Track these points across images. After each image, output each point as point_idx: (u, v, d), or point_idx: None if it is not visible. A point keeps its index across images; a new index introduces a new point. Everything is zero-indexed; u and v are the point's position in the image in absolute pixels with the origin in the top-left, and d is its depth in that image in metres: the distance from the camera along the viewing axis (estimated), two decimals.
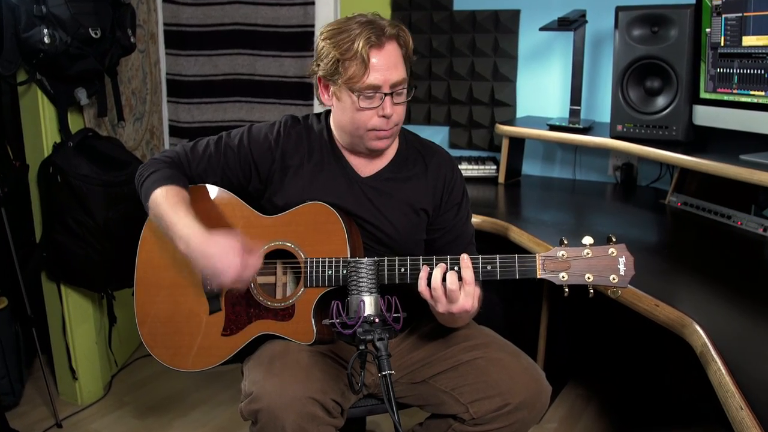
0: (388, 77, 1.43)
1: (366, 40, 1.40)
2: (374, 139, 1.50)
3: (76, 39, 2.04)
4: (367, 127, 1.48)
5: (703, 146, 2.14)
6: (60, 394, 2.53)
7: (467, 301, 1.36)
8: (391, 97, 1.45)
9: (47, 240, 2.26)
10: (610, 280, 1.35)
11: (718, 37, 1.98)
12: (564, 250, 1.37)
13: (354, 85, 1.43)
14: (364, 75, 1.42)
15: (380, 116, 1.46)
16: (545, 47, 2.71)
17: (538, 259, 1.38)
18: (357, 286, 1.35)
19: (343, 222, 1.49)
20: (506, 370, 1.49)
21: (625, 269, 1.35)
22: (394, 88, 1.45)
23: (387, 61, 1.43)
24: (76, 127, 2.29)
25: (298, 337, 1.50)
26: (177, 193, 1.50)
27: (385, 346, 1.25)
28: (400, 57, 1.46)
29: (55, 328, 2.44)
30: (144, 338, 1.59)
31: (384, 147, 1.54)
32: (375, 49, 1.42)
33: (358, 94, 1.44)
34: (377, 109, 1.45)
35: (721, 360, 1.23)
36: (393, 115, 1.47)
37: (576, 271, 1.36)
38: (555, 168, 2.80)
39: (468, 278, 1.36)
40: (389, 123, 1.47)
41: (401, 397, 1.58)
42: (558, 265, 1.37)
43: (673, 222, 2.18)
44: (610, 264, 1.35)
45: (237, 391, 2.06)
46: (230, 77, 3.06)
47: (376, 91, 1.44)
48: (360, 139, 1.51)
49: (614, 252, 1.35)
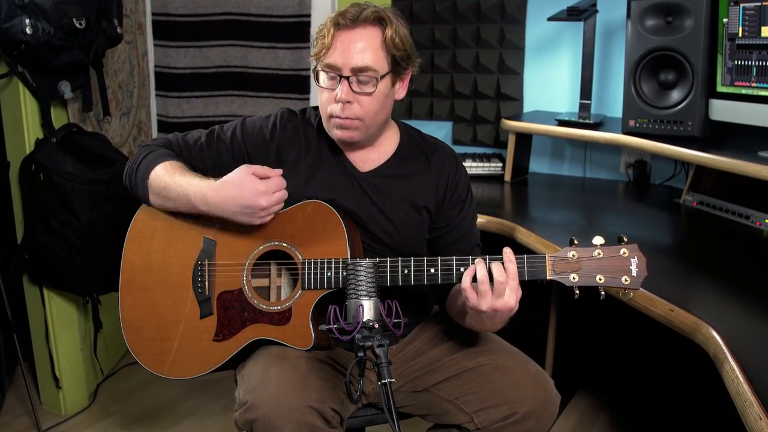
0: (349, 60, 1.45)
1: (335, 20, 1.45)
2: (335, 126, 1.51)
3: (59, 29, 2.04)
4: (326, 112, 1.50)
5: (720, 142, 2.14)
6: (43, 403, 2.53)
7: (512, 297, 1.35)
8: (349, 83, 1.46)
9: (29, 241, 2.26)
10: (622, 282, 1.36)
11: (735, 28, 1.98)
12: (574, 250, 1.38)
13: (319, 62, 1.48)
14: (326, 52, 1.46)
15: (337, 101, 1.47)
16: (554, 38, 2.71)
17: (548, 259, 1.38)
18: (356, 289, 1.35)
19: (343, 221, 1.49)
20: (513, 378, 1.49)
21: (638, 270, 1.35)
22: (356, 73, 1.46)
23: (352, 44, 1.45)
24: (59, 123, 2.29)
25: (295, 343, 1.50)
26: (180, 165, 1.54)
27: (385, 353, 1.25)
28: (375, 44, 1.46)
29: (38, 334, 2.44)
30: (130, 344, 1.59)
31: (347, 139, 1.53)
32: (342, 30, 1.46)
33: (323, 71, 1.48)
34: (334, 93, 1.47)
35: (739, 368, 1.23)
36: (354, 105, 1.47)
37: (587, 272, 1.37)
38: (564, 165, 2.80)
39: (512, 272, 1.35)
40: (345, 110, 1.48)
41: (402, 407, 1.59)
42: (568, 266, 1.37)
43: (688, 222, 2.19)
44: (622, 265, 1.36)
45: (230, 400, 2.06)
46: (222, 70, 3.06)
47: (334, 72, 1.46)
48: (327, 125, 1.54)
49: (626, 252, 1.36)
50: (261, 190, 1.42)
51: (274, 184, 1.44)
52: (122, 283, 1.61)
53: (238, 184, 1.43)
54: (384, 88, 1.49)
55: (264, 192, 1.42)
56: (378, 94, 1.48)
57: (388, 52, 1.48)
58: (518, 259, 1.38)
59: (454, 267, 1.42)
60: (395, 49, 1.47)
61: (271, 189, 1.43)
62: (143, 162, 1.56)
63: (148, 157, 1.56)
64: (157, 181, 1.52)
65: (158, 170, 1.53)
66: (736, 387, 1.21)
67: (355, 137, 1.52)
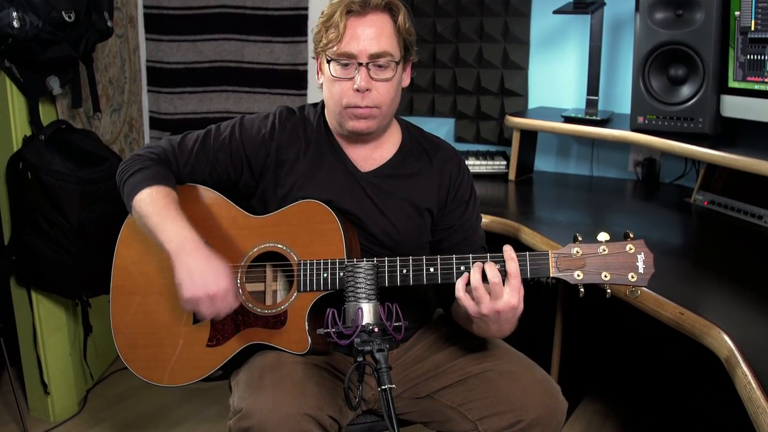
0: (366, 47, 1.45)
1: (346, 6, 1.45)
2: (351, 117, 1.50)
3: (48, 23, 2.04)
4: (342, 103, 1.49)
5: (732, 140, 2.14)
6: (30, 410, 2.53)
7: (513, 296, 1.34)
8: (368, 69, 1.46)
9: (16, 242, 2.26)
10: (628, 279, 1.35)
11: (748, 21, 1.98)
12: (578, 247, 1.38)
13: (331, 52, 1.47)
14: (339, 41, 1.46)
15: (355, 90, 1.47)
16: (560, 32, 2.71)
17: (551, 256, 1.38)
18: (354, 292, 1.35)
19: (339, 221, 1.49)
20: (518, 384, 1.49)
21: (645, 267, 1.35)
22: (373, 59, 1.46)
23: (367, 31, 1.46)
24: (48, 119, 2.29)
25: (291, 347, 1.50)
26: (166, 194, 1.50)
27: (385, 357, 1.25)
28: (388, 30, 1.48)
29: (25, 338, 2.43)
30: (120, 350, 1.59)
31: (364, 129, 1.52)
32: (354, 16, 1.46)
33: (335, 62, 1.47)
34: (352, 81, 1.47)
35: (752, 373, 1.23)
36: (372, 92, 1.47)
37: (592, 269, 1.36)
38: (570, 163, 2.80)
39: (513, 271, 1.35)
40: (365, 99, 1.48)
41: (403, 414, 1.59)
42: (572, 263, 1.37)
43: (699, 222, 2.19)
44: (629, 261, 1.35)
45: (224, 407, 2.06)
46: (216, 64, 3.06)
47: (350, 59, 1.46)
48: (340, 117, 1.53)
49: (632, 248, 1.36)
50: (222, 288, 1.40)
51: (231, 298, 1.42)
52: (113, 288, 1.60)
53: (215, 266, 1.41)
54: (399, 73, 1.52)
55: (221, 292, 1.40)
56: (394, 79, 1.50)
57: (401, 37, 1.50)
58: (520, 256, 1.38)
59: (454, 266, 1.41)
60: (407, 34, 1.50)
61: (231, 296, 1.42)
62: (131, 179, 1.53)
63: (136, 176, 1.53)
64: (139, 208, 1.50)
65: (144, 196, 1.50)
66: (748, 393, 1.21)
67: (372, 127, 1.52)
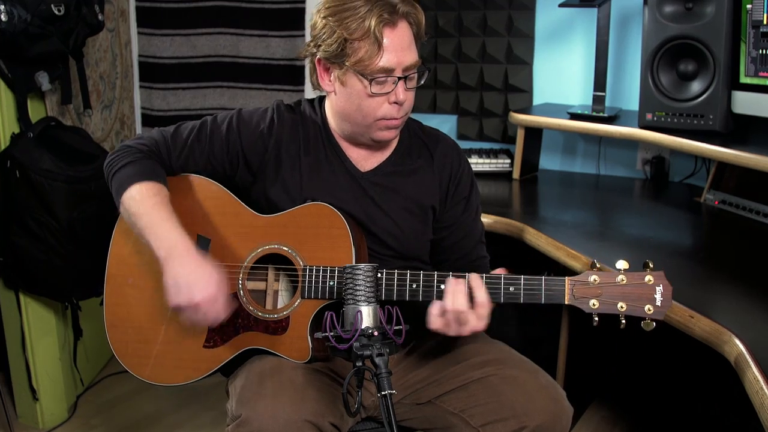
0: (402, 59, 1.45)
1: (379, 18, 1.41)
2: (383, 129, 1.51)
3: (36, 16, 2.04)
4: (376, 116, 1.49)
5: (744, 137, 2.15)
6: (19, 416, 2.53)
7: (480, 323, 1.39)
8: (404, 81, 1.46)
9: (4, 243, 2.26)
10: (644, 311, 1.36)
11: (760, 15, 1.98)
12: (596, 274, 1.38)
13: (365, 69, 1.44)
14: (376, 57, 1.43)
15: (392, 103, 1.47)
16: (566, 26, 2.71)
17: (567, 283, 1.39)
18: (353, 294, 1.35)
19: (349, 228, 1.49)
20: (522, 389, 1.49)
21: (662, 300, 1.35)
22: (407, 71, 1.46)
23: (400, 42, 1.44)
24: (36, 116, 2.29)
25: (291, 355, 1.50)
26: (157, 192, 1.50)
27: (385, 362, 1.25)
28: (412, 37, 1.48)
29: (14, 342, 2.44)
30: (113, 345, 1.59)
31: (392, 138, 1.55)
32: (388, 28, 1.43)
33: (370, 78, 1.44)
34: (389, 95, 1.47)
35: (763, 379, 1.24)
36: (405, 102, 1.48)
37: (608, 298, 1.37)
38: (576, 162, 2.80)
39: (480, 300, 1.38)
40: (401, 111, 1.49)
41: (404, 420, 1.59)
42: (589, 291, 1.38)
43: (709, 222, 2.19)
44: (646, 293, 1.36)
45: (220, 413, 2.06)
46: (210, 59, 3.07)
47: (389, 75, 1.45)
48: (366, 129, 1.52)
49: (651, 280, 1.36)
50: (210, 295, 1.39)
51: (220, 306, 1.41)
52: (107, 279, 1.60)
53: (205, 271, 1.40)
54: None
55: (209, 298, 1.39)
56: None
57: (419, 41, 1.51)
58: (535, 280, 1.40)
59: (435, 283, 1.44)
60: (421, 37, 1.51)
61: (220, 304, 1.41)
62: (119, 173, 1.52)
63: (125, 170, 1.51)
64: (128, 205, 1.49)
65: (132, 192, 1.49)
66: (760, 399, 1.21)
67: (398, 133, 1.57)
